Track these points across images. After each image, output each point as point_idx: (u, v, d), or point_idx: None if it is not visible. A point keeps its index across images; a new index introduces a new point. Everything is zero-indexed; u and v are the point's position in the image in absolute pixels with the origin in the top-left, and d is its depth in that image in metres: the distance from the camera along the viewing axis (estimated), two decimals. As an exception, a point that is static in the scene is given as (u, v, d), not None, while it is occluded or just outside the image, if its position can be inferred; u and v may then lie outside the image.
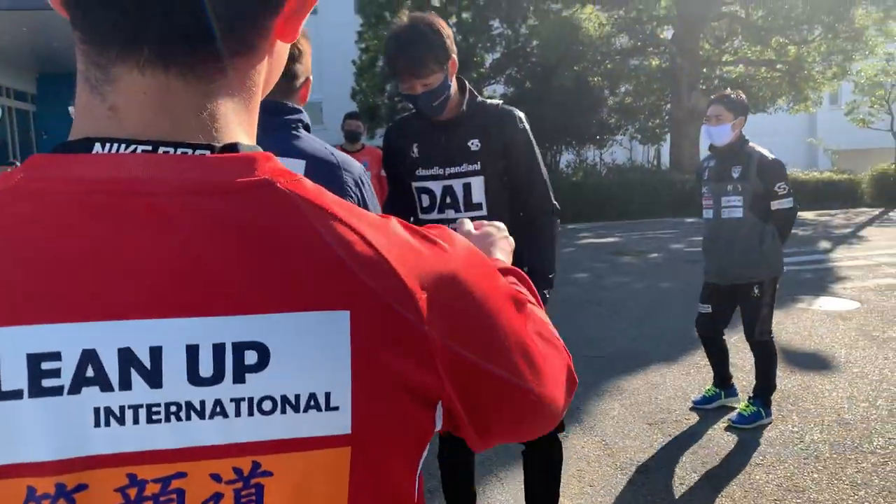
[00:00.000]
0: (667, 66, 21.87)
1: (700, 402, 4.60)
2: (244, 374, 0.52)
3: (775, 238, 4.21)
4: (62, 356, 0.50)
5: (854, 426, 4.21)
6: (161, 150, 0.54)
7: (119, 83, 0.55)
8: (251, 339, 0.52)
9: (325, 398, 0.54)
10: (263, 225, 0.54)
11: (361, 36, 21.68)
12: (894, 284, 8.29)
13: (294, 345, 0.53)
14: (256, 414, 0.53)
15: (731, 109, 4.18)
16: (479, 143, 2.48)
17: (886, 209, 18.81)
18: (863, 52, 19.89)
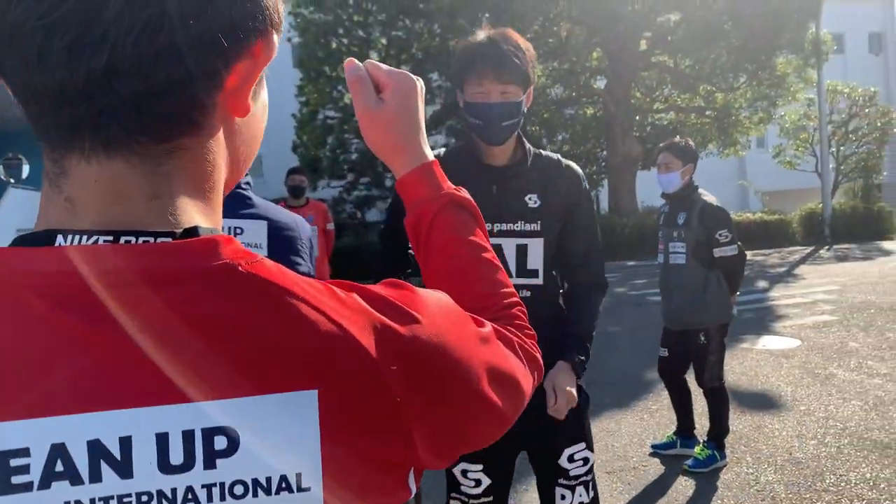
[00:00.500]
0: (601, 114, 22.53)
1: (659, 447, 4.60)
2: (215, 460, 0.52)
3: (721, 285, 4.26)
4: (31, 452, 0.50)
5: (806, 465, 4.25)
6: (123, 239, 0.54)
7: (71, 175, 0.55)
8: (220, 425, 0.52)
9: (297, 479, 0.54)
10: (226, 311, 0.53)
11: (301, 90, 21.77)
12: (831, 321, 8.54)
13: (263, 427, 0.53)
14: (228, 499, 0.53)
15: (679, 157, 4.28)
16: (539, 201, 2.13)
17: (817, 248, 19.53)
18: (785, 98, 20.86)
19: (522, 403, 0.76)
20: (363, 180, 22.28)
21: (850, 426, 4.87)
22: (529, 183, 2.13)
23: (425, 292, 0.66)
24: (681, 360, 4.50)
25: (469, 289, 0.83)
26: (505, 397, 0.70)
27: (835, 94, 23.23)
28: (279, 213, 1.90)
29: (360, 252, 19.50)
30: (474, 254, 0.88)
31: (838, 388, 5.78)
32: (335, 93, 21.75)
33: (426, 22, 21.57)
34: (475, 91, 2.03)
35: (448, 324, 0.65)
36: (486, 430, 0.71)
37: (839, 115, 23.54)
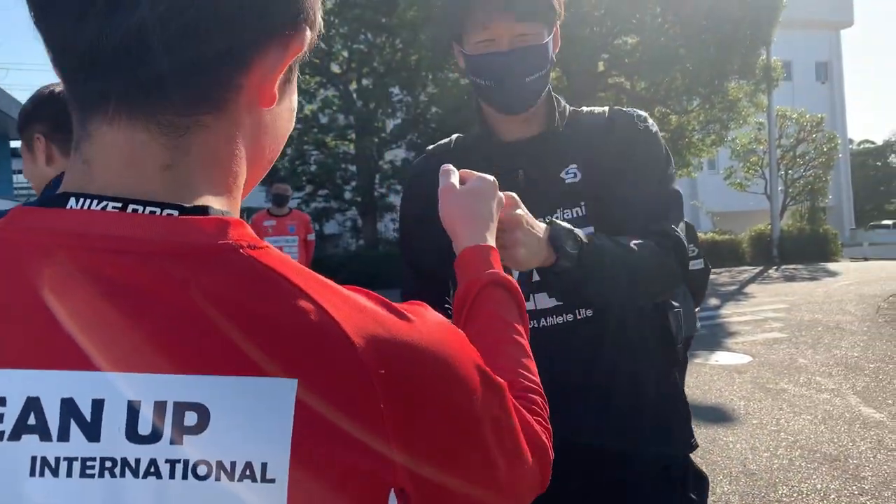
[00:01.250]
0: (560, 132, 22.81)
1: None
2: (182, 436, 0.51)
3: (687, 298, 4.35)
4: (6, 402, 0.50)
5: (760, 476, 4.36)
6: (130, 207, 0.54)
7: (93, 138, 0.56)
8: (193, 400, 0.51)
9: (262, 469, 0.51)
10: (218, 290, 0.53)
11: (261, 100, 21.60)
12: (781, 338, 8.78)
13: (235, 410, 0.51)
14: (190, 478, 0.50)
15: None
16: (579, 173, 1.47)
17: (765, 267, 20.06)
18: (737, 122, 21.45)
19: (521, 478, 0.70)
20: (322, 192, 22.16)
21: (801, 439, 5.01)
22: (566, 152, 1.49)
23: (438, 316, 0.65)
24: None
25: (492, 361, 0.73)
26: (503, 455, 0.65)
27: (784, 119, 23.99)
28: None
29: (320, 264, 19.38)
30: (506, 333, 0.90)
31: (789, 402, 5.94)
32: (295, 104, 21.64)
33: (388, 36, 21.64)
34: (479, 39, 1.42)
35: (449, 342, 0.62)
36: (473, 476, 0.63)
37: (788, 140, 24.29)
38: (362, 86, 21.66)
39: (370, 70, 21.62)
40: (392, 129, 22.58)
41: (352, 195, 22.19)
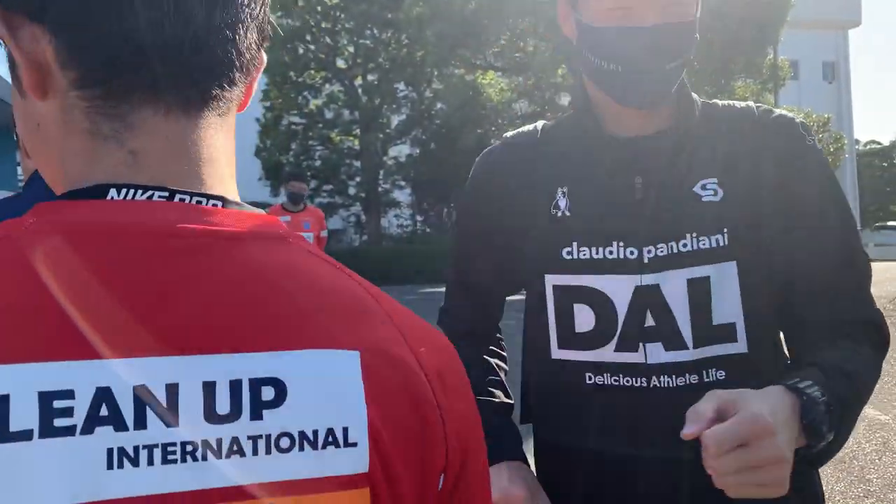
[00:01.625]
0: (565, 130, 22.81)
1: None
2: (261, 411, 0.52)
3: None
4: (75, 394, 0.48)
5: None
6: (177, 197, 0.55)
7: (141, 129, 0.56)
8: (267, 375, 0.52)
9: (343, 433, 0.54)
10: (280, 270, 0.56)
11: (266, 94, 21.63)
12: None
13: (310, 380, 0.54)
14: (274, 452, 0.52)
15: None
16: (721, 189, 1.10)
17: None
18: (743, 121, 21.46)
19: None
20: (326, 188, 22.20)
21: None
22: (701, 161, 1.12)
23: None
24: None
25: None
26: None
27: (790, 118, 23.92)
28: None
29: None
30: None
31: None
32: (300, 99, 21.68)
33: (394, 32, 21.66)
34: (611, 5, 1.06)
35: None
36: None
37: (794, 140, 24.25)
38: (367, 81, 21.68)
39: (375, 66, 21.65)
40: (397, 124, 22.60)
41: (356, 191, 22.22)
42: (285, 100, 21.29)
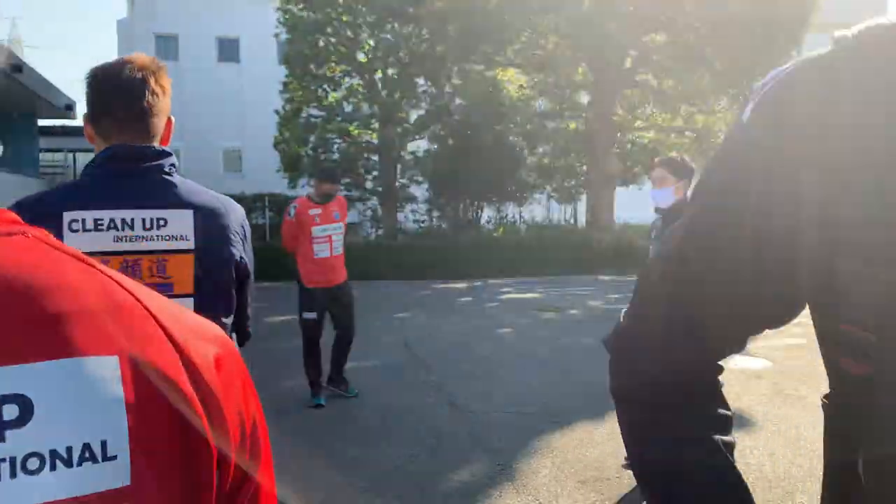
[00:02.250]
0: (583, 129, 22.72)
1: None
2: (4, 432, 0.47)
3: None
4: None
5: (777, 483, 4.32)
6: None
7: None
8: (10, 392, 0.47)
9: (101, 447, 0.49)
10: (17, 272, 0.50)
11: (287, 86, 21.66)
12: (802, 344, 8.68)
13: (61, 393, 0.49)
14: (20, 475, 0.47)
15: (673, 173, 4.36)
16: None
17: (787, 271, 19.84)
18: (764, 124, 21.20)
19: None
20: (344, 181, 22.20)
21: (821, 448, 4.94)
22: None
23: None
24: None
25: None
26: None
27: (812, 122, 23.67)
28: (207, 197, 1.76)
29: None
30: None
31: (809, 409, 5.88)
32: (320, 91, 21.68)
33: (415, 26, 21.61)
34: None
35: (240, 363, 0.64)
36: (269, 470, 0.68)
37: (815, 144, 23.98)
38: (387, 75, 21.66)
39: (396, 60, 21.61)
40: (415, 119, 22.57)
41: (373, 185, 22.22)
42: (305, 92, 21.32)
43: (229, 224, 1.75)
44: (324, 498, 4.12)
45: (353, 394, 6.34)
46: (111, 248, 1.61)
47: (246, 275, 1.79)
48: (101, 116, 1.68)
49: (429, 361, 7.79)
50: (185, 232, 1.67)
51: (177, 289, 1.65)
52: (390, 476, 4.45)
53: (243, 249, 1.79)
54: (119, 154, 1.65)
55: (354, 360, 7.76)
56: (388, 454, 4.84)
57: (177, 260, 1.65)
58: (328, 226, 6.14)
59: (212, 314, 1.69)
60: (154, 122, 1.69)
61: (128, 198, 1.63)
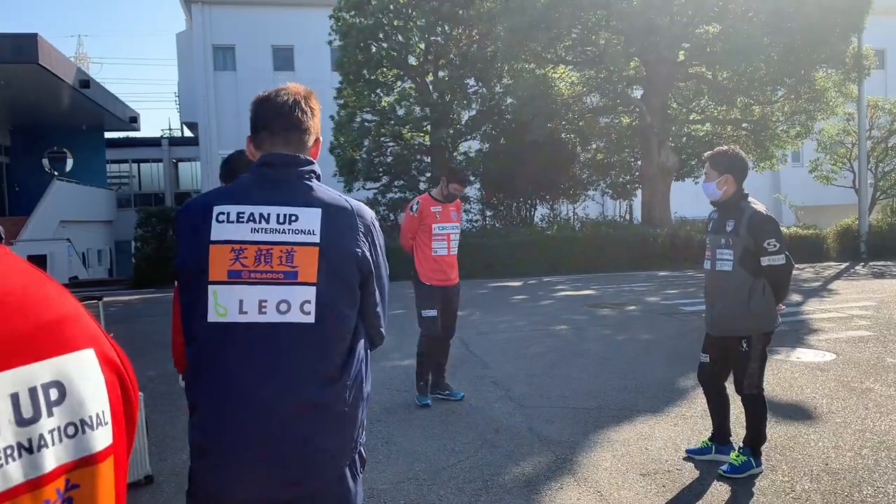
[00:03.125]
0: (637, 124, 22.48)
1: (694, 451, 4.65)
2: (51, 408, 0.66)
3: (766, 294, 4.27)
4: None
5: (843, 475, 4.27)
6: None
7: None
8: (51, 379, 0.66)
9: (102, 416, 0.70)
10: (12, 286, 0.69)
11: (340, 92, 21.99)
12: (867, 336, 8.49)
13: (78, 378, 0.68)
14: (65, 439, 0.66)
15: (715, 167, 4.37)
16: None
17: (852, 263, 19.29)
18: (824, 113, 20.65)
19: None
20: (398, 183, 22.44)
21: (888, 440, 4.87)
22: None
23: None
24: (721, 367, 4.53)
25: None
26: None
27: (875, 109, 22.93)
28: (337, 199, 1.94)
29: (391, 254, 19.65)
30: None
31: (875, 402, 5.77)
32: (373, 96, 21.96)
33: (464, 28, 21.71)
34: None
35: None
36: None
37: (879, 131, 23.22)
38: (438, 77, 21.80)
39: (446, 62, 21.75)
40: (467, 120, 22.66)
41: (427, 186, 22.39)
42: (358, 97, 21.63)
43: (355, 223, 1.92)
44: (388, 488, 4.25)
45: (459, 396, 6.25)
46: (248, 237, 1.82)
47: (369, 271, 1.93)
48: (259, 129, 1.96)
49: (486, 359, 7.88)
50: (312, 227, 1.86)
51: (301, 277, 1.82)
52: (453, 468, 4.56)
53: (369, 249, 1.94)
54: (270, 160, 1.91)
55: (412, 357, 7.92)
56: (449, 448, 4.95)
57: (303, 251, 1.83)
58: (447, 224, 6.20)
59: (334, 303, 1.83)
60: (303, 138, 1.96)
61: (269, 197, 1.87)
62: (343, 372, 1.85)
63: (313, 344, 1.81)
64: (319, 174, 1.98)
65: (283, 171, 1.91)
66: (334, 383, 1.83)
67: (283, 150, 1.93)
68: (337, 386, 1.83)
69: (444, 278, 6.17)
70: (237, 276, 1.80)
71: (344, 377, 1.84)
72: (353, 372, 1.87)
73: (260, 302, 1.79)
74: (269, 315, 1.79)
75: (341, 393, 1.83)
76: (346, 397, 1.84)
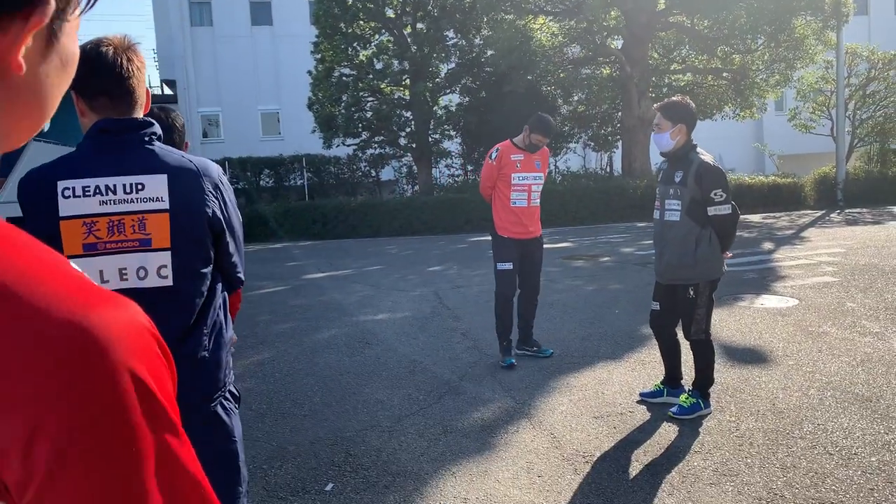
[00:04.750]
0: (617, 74, 22.40)
1: (647, 395, 4.84)
2: None
3: (713, 243, 4.38)
4: None
5: (787, 414, 4.46)
6: None
7: None
8: None
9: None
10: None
11: (317, 47, 21.74)
12: (832, 282, 8.69)
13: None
14: None
15: (668, 118, 4.43)
16: None
17: (827, 211, 19.52)
18: (804, 61, 20.63)
19: None
20: (377, 139, 22.35)
21: (835, 380, 5.06)
22: None
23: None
24: (670, 314, 4.68)
25: None
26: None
27: (854, 56, 22.93)
28: (181, 161, 1.96)
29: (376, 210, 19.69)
30: None
31: (829, 345, 5.97)
32: (350, 50, 21.73)
33: (442, -22, 21.41)
34: None
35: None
36: None
37: (857, 79, 23.26)
38: (416, 30, 21.57)
39: (424, 14, 21.48)
40: (446, 73, 22.50)
41: (407, 141, 22.33)
42: (335, 52, 21.39)
43: (202, 184, 1.97)
44: (352, 436, 4.41)
45: (548, 353, 6.01)
46: (98, 210, 1.87)
47: (220, 229, 2.01)
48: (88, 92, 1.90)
49: (457, 311, 8.03)
50: (160, 194, 1.90)
51: (155, 243, 1.90)
52: (415, 416, 4.72)
53: (219, 206, 2.01)
54: (107, 126, 1.89)
55: (386, 312, 8.07)
56: (413, 397, 5.11)
57: (154, 218, 1.90)
58: (528, 174, 5.91)
59: (189, 264, 1.92)
60: (134, 97, 1.92)
61: (112, 166, 1.88)
62: (200, 322, 1.96)
63: (173, 304, 1.91)
64: (160, 135, 1.98)
65: (124, 137, 1.90)
66: (191, 335, 1.94)
67: (120, 114, 1.90)
68: (194, 335, 1.94)
69: (522, 231, 5.90)
70: (93, 249, 1.86)
71: (201, 326, 1.96)
72: (210, 321, 1.98)
73: (120, 270, 1.87)
74: (130, 281, 1.87)
75: (199, 340, 1.95)
76: (205, 343, 1.96)
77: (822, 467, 3.72)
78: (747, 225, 16.77)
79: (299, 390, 5.33)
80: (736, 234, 4.58)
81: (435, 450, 4.16)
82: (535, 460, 3.98)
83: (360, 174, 26.80)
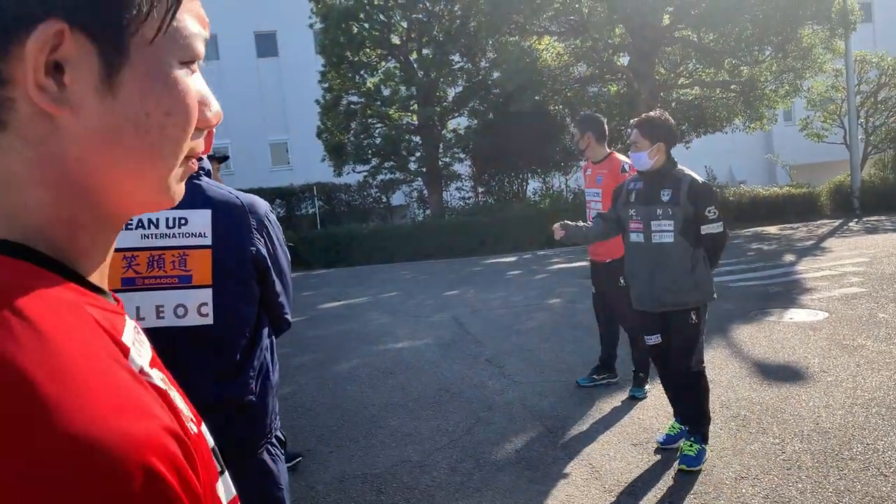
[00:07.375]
0: (625, 91, 22.33)
1: (665, 441, 4.36)
2: None
3: (706, 263, 4.10)
4: None
5: (833, 434, 4.28)
6: None
7: None
8: None
9: None
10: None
11: (324, 76, 21.84)
12: (860, 293, 8.48)
13: None
14: None
15: (646, 136, 4.09)
16: None
17: (845, 220, 19.28)
18: (812, 70, 20.51)
19: None
20: (387, 164, 22.35)
21: (879, 396, 4.88)
22: None
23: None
24: (668, 343, 4.22)
25: None
26: None
27: (863, 63, 22.80)
28: (227, 197, 1.91)
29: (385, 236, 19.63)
30: None
31: (867, 358, 5.78)
32: (357, 78, 21.81)
33: (446, 3, 21.51)
34: None
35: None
36: None
37: (868, 86, 23.10)
38: (423, 55, 21.63)
39: (430, 39, 21.56)
40: (454, 97, 22.53)
41: (417, 166, 22.30)
42: (343, 80, 21.45)
43: (247, 221, 1.90)
44: (382, 472, 4.26)
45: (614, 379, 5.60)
46: (139, 244, 1.82)
47: (265, 267, 1.91)
48: None
49: (479, 337, 7.87)
50: (203, 229, 1.84)
51: (196, 280, 1.82)
52: (445, 448, 4.56)
53: (265, 244, 1.92)
54: None
55: (406, 340, 7.93)
56: (442, 428, 4.95)
57: (196, 254, 1.83)
58: (590, 189, 5.50)
59: (231, 303, 1.82)
60: None
61: None
62: (246, 365, 1.86)
63: (212, 344, 1.82)
64: (209, 169, 1.95)
65: None
66: (236, 378, 1.84)
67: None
68: (239, 380, 1.85)
69: (590, 252, 5.54)
70: (131, 284, 1.80)
71: (247, 370, 1.86)
72: (257, 363, 1.89)
73: (157, 307, 1.81)
74: (167, 320, 1.80)
75: (246, 384, 1.85)
76: (251, 387, 1.87)
77: (877, 490, 3.54)
78: (766, 237, 16.57)
79: (323, 425, 5.19)
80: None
81: (470, 485, 4.00)
82: (574, 493, 3.82)
83: (371, 200, 26.78)
